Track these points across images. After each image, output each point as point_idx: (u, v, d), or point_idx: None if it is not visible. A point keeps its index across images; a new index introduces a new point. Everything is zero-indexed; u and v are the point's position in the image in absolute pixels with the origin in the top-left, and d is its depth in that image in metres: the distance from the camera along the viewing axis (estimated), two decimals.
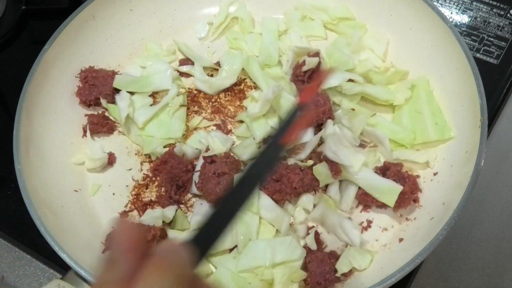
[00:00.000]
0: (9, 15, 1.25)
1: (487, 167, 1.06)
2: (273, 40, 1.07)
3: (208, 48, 1.14)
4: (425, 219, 0.88)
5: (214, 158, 0.92)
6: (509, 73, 1.12)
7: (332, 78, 0.96)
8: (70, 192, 0.96)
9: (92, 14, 1.07)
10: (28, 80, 0.97)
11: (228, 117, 1.04)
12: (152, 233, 0.81)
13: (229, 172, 0.90)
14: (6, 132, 0.94)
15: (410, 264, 0.78)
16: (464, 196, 0.81)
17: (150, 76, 1.05)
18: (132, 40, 1.13)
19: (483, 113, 0.87)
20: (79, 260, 0.81)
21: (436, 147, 0.95)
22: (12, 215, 1.01)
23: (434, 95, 0.99)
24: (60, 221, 0.89)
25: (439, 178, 0.92)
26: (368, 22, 1.11)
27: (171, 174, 0.92)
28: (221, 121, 1.03)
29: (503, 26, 1.17)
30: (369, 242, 0.90)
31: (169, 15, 1.16)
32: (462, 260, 1.03)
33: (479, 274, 1.02)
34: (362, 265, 0.85)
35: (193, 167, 0.94)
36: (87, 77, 1.04)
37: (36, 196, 0.88)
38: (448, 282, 1.02)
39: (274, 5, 1.15)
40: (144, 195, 0.97)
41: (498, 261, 1.03)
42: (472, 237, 1.05)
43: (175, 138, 1.00)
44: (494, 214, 1.07)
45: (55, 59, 1.02)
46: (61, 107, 1.03)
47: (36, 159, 0.94)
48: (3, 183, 1.05)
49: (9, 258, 1.00)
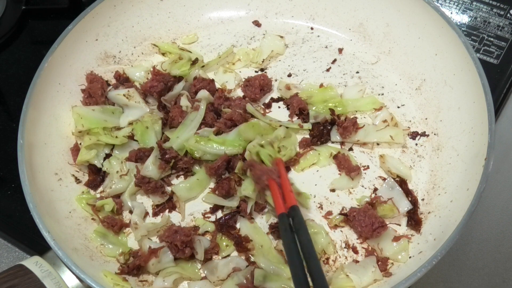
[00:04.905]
0: (9, 15, 1.25)
1: None
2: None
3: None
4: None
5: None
6: (509, 73, 1.12)
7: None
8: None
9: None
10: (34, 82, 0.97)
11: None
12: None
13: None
14: (6, 132, 0.94)
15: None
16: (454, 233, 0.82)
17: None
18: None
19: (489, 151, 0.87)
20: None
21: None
22: (12, 215, 1.01)
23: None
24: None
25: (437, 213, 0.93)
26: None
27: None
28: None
29: (503, 26, 1.17)
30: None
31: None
32: (462, 260, 1.03)
33: (479, 274, 1.02)
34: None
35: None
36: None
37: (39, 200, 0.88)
38: (448, 282, 1.02)
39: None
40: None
41: (498, 261, 1.03)
42: (472, 237, 1.05)
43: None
44: (494, 214, 1.07)
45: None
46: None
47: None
48: (3, 183, 1.05)
49: (9, 258, 1.00)
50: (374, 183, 0.98)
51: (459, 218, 0.83)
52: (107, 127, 1.01)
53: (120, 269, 0.89)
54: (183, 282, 0.90)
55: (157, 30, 1.16)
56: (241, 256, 0.92)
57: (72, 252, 0.85)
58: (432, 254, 0.80)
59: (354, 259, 0.91)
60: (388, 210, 0.93)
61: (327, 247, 0.91)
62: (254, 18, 1.19)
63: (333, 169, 1.00)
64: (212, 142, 0.97)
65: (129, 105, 1.03)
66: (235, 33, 1.18)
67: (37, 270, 0.83)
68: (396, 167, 0.98)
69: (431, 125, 1.03)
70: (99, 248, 0.92)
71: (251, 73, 1.12)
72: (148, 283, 0.89)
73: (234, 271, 0.89)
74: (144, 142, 1.01)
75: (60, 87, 1.03)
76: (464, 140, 0.95)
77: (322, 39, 1.16)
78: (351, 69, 1.11)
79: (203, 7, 1.18)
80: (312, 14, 1.17)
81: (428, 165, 0.99)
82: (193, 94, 1.06)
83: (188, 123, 1.00)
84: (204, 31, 1.18)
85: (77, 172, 1.00)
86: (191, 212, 0.97)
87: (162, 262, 0.88)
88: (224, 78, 1.10)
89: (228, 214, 0.95)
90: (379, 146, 1.02)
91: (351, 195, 0.98)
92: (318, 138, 1.02)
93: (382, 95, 1.08)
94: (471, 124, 0.94)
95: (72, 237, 0.90)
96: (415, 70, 1.08)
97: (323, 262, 0.91)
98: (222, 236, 0.94)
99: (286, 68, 1.13)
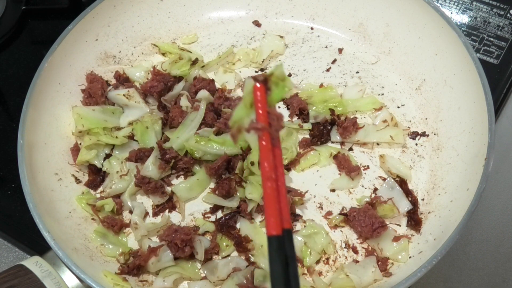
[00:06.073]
0: (9, 15, 1.25)
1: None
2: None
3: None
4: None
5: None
6: (509, 73, 1.12)
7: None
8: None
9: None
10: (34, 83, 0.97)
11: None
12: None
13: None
14: (6, 132, 0.94)
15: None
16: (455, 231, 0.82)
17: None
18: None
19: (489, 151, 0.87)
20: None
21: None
22: (12, 215, 1.01)
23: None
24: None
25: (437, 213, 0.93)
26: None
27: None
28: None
29: (503, 26, 1.17)
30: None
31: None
32: (462, 260, 1.03)
33: (479, 274, 1.02)
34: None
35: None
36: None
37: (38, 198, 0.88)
38: (448, 282, 1.02)
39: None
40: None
41: (498, 261, 1.03)
42: (472, 237, 1.05)
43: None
44: (494, 214, 1.07)
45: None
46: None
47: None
48: (3, 183, 1.05)
49: (9, 258, 1.00)
50: (374, 183, 0.98)
51: (459, 218, 0.83)
52: (107, 127, 1.01)
53: (120, 269, 0.89)
54: (183, 282, 0.90)
55: (157, 30, 1.16)
56: (241, 256, 0.92)
57: (72, 252, 0.85)
58: (432, 254, 0.80)
59: (354, 259, 0.91)
60: (388, 210, 0.93)
61: (327, 247, 0.91)
62: (254, 18, 1.19)
63: (333, 169, 1.00)
64: (212, 142, 0.97)
65: (129, 105, 1.03)
66: (235, 33, 1.18)
67: (37, 270, 0.83)
68: (396, 167, 0.98)
69: (431, 125, 1.03)
70: (99, 248, 0.92)
71: (251, 73, 1.12)
72: (148, 283, 0.89)
73: (234, 271, 0.89)
74: (144, 142, 1.01)
75: (60, 87, 1.03)
76: (464, 140, 0.95)
77: (322, 39, 1.16)
78: (351, 69, 1.11)
79: (203, 7, 1.18)
80: (312, 14, 1.17)
81: (428, 165, 0.99)
82: (193, 94, 1.06)
83: (188, 123, 1.00)
84: (204, 31, 1.18)
85: (77, 172, 1.00)
86: (191, 212, 0.97)
87: (162, 261, 0.88)
88: (224, 78, 1.10)
89: (228, 214, 0.95)
90: (379, 146, 1.02)
91: (351, 195, 0.98)
92: (318, 138, 1.02)
93: (382, 95, 1.08)
94: (471, 124, 0.94)
95: (72, 237, 0.90)
96: (415, 70, 1.08)
97: (323, 262, 0.91)
98: (222, 236, 0.94)
99: (286, 68, 1.12)
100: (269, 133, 0.63)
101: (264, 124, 0.63)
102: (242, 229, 0.94)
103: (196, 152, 0.97)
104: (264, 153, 0.62)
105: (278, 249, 0.59)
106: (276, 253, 0.60)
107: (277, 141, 0.64)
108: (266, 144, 0.62)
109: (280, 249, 0.59)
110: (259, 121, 0.63)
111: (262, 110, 0.64)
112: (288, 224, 0.62)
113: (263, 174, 0.62)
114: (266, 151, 0.62)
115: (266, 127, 0.62)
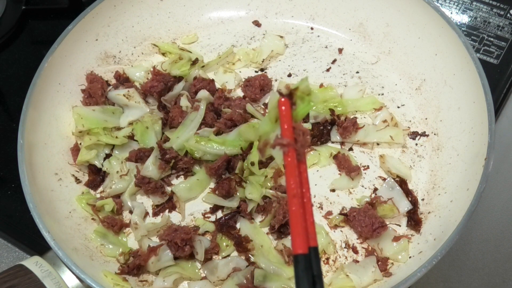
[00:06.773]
0: (9, 15, 1.25)
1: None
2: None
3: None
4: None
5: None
6: (509, 73, 1.12)
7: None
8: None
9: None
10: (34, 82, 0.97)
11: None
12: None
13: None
14: (6, 132, 0.94)
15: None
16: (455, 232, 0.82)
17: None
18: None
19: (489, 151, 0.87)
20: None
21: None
22: (12, 215, 1.01)
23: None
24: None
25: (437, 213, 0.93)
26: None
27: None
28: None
29: (503, 26, 1.17)
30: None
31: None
32: (462, 260, 1.03)
33: (479, 274, 1.02)
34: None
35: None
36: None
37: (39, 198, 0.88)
38: (448, 282, 1.02)
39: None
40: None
41: (498, 261, 1.04)
42: (472, 237, 1.05)
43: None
44: (494, 214, 1.07)
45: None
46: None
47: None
48: (3, 183, 1.05)
49: (9, 258, 1.00)
50: (374, 183, 0.98)
51: (459, 218, 0.83)
52: (107, 127, 1.01)
53: (120, 269, 0.89)
54: (183, 282, 0.90)
55: (157, 30, 1.16)
56: (241, 256, 0.92)
57: (72, 252, 0.85)
58: (432, 254, 0.80)
59: (354, 259, 0.91)
60: (388, 210, 0.93)
61: (327, 247, 0.91)
62: (254, 18, 1.19)
63: (333, 169, 1.00)
64: (212, 142, 0.97)
65: (129, 105, 1.03)
66: (235, 33, 1.18)
67: (37, 270, 0.83)
68: (396, 167, 0.98)
69: (431, 125, 1.03)
70: (99, 248, 0.92)
71: (251, 73, 1.12)
72: (148, 283, 0.89)
73: (234, 271, 0.89)
74: (144, 142, 1.01)
75: (60, 87, 1.03)
76: (464, 140, 0.95)
77: (322, 39, 1.16)
78: (351, 69, 1.11)
79: (203, 7, 1.18)
80: (312, 14, 1.17)
81: (428, 165, 0.99)
82: (193, 94, 1.06)
83: (188, 123, 1.00)
84: (204, 31, 1.18)
85: (77, 172, 1.00)
86: (191, 212, 0.97)
87: (162, 261, 0.88)
88: (224, 78, 1.10)
89: (228, 214, 0.95)
90: (379, 146, 1.02)
91: (351, 195, 0.98)
92: (318, 138, 1.02)
93: (382, 95, 1.08)
94: (471, 124, 0.94)
95: (72, 237, 0.90)
96: (415, 70, 1.08)
97: (323, 262, 0.91)
98: (222, 236, 0.94)
99: (286, 68, 1.13)
100: (294, 149, 0.61)
101: (290, 140, 0.62)
102: (242, 229, 0.94)
103: (196, 152, 0.97)
104: (290, 170, 0.61)
105: (305, 268, 0.58)
106: (303, 273, 0.59)
107: (302, 157, 0.63)
108: (291, 160, 0.61)
109: (307, 269, 0.58)
110: (284, 136, 0.62)
111: (288, 125, 0.63)
112: (314, 242, 0.61)
113: (289, 191, 0.60)
114: (291, 168, 0.61)
115: (291, 142, 0.61)
